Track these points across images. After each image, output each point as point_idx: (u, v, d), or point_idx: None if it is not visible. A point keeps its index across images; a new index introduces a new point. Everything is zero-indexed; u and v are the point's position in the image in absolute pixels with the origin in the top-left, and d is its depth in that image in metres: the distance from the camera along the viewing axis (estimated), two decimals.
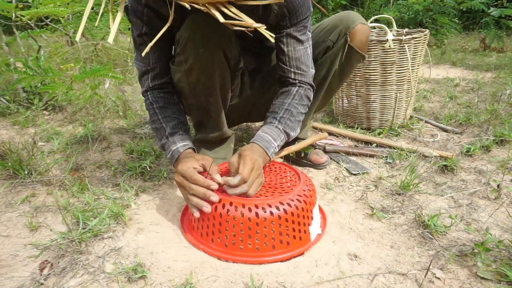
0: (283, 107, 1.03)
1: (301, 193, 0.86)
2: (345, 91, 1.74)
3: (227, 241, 0.81)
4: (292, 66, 1.04)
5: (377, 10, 4.87)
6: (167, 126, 1.00)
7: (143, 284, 0.74)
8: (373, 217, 0.98)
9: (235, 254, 0.81)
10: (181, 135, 1.00)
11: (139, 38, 0.99)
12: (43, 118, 1.79)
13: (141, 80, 1.07)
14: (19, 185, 1.11)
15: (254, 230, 0.79)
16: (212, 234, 0.83)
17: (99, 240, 0.87)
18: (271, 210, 0.80)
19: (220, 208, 0.81)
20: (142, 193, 1.12)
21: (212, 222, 0.83)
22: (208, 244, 0.84)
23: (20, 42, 1.92)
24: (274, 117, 1.02)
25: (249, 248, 0.80)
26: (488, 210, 1.02)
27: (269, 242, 0.80)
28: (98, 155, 1.38)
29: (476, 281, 0.75)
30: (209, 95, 1.06)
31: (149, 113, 1.06)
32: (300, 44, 1.03)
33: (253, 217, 0.78)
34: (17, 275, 0.76)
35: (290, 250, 0.82)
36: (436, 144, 1.52)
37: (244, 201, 0.81)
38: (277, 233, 0.80)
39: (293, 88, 1.06)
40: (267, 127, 1.01)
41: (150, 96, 1.05)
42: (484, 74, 2.92)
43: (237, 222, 0.79)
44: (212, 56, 0.97)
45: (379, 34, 1.83)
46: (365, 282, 0.74)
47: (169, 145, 0.98)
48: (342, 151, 1.42)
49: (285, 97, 1.05)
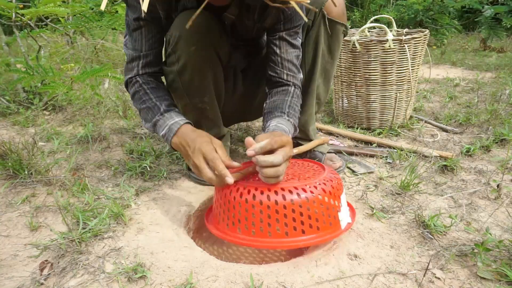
0: (287, 104, 1.03)
1: (327, 179, 0.83)
2: (345, 91, 1.74)
3: (254, 228, 0.77)
4: (285, 67, 1.06)
5: (377, 10, 4.87)
6: (162, 104, 0.97)
7: (143, 284, 0.74)
8: (373, 217, 0.98)
9: (264, 241, 0.77)
10: (178, 112, 0.97)
11: (135, 22, 0.96)
12: (43, 118, 1.79)
13: (129, 66, 1.02)
14: (19, 185, 1.11)
15: (282, 213, 0.76)
16: (239, 223, 0.80)
17: (99, 240, 0.87)
18: (298, 192, 0.77)
19: (245, 194, 0.78)
20: (142, 193, 1.12)
21: (238, 209, 0.79)
22: (236, 234, 0.81)
23: (20, 42, 1.92)
24: (282, 111, 1.01)
25: (278, 233, 0.77)
26: (488, 210, 1.02)
27: (298, 227, 0.77)
28: (98, 155, 1.38)
29: (476, 281, 0.75)
30: (204, 94, 1.06)
31: (136, 95, 1.01)
32: (292, 48, 1.05)
33: (280, 200, 0.75)
34: (17, 275, 0.76)
35: (321, 235, 0.79)
36: (436, 144, 1.52)
37: (269, 185, 0.78)
38: (305, 216, 0.77)
39: (289, 88, 1.07)
40: (278, 120, 0.98)
41: (140, 79, 1.01)
42: (484, 74, 2.92)
43: (264, 207, 0.76)
44: (204, 54, 0.97)
45: (379, 34, 1.83)
46: (365, 282, 0.75)
47: (165, 121, 0.94)
48: (344, 151, 1.42)
49: (285, 95, 1.06)
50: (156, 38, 1.00)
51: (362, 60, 1.59)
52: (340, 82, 1.74)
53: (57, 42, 2.72)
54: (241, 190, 0.79)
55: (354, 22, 4.76)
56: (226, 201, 0.82)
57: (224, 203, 0.83)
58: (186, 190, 1.14)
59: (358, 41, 1.56)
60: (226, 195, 0.82)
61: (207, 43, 0.96)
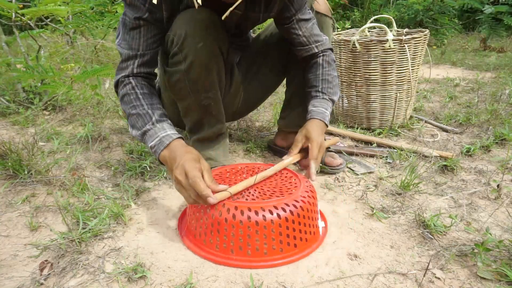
0: (319, 78, 1.16)
1: (305, 192, 0.87)
2: (345, 91, 1.74)
3: (249, 248, 0.79)
4: (312, 42, 1.14)
5: (377, 10, 4.87)
6: (154, 113, 0.94)
7: (143, 284, 0.74)
8: (373, 217, 0.98)
9: (258, 261, 0.79)
10: (170, 125, 0.95)
11: (134, 21, 0.93)
12: (43, 118, 1.79)
13: (123, 64, 0.98)
14: (19, 185, 1.11)
15: (277, 231, 0.79)
16: (222, 240, 0.80)
17: (99, 240, 0.87)
18: (288, 208, 0.80)
19: (225, 213, 0.78)
20: (142, 193, 1.12)
21: (217, 228, 0.80)
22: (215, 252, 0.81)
23: (20, 42, 1.92)
24: (316, 90, 1.15)
25: (273, 251, 0.79)
26: (488, 210, 1.02)
27: (291, 242, 0.81)
28: (98, 155, 1.38)
29: (476, 281, 0.75)
30: (209, 90, 1.06)
31: (126, 98, 0.97)
32: (308, 23, 1.12)
33: (276, 219, 0.78)
34: (17, 275, 0.76)
35: (308, 246, 0.84)
36: (436, 144, 1.52)
37: (250, 204, 0.79)
38: (297, 231, 0.81)
39: (318, 59, 1.17)
40: (316, 101, 1.14)
41: (133, 81, 0.97)
42: (484, 74, 2.92)
43: (261, 227, 0.78)
44: (210, 49, 0.98)
45: (379, 34, 1.83)
46: (365, 282, 0.75)
47: (156, 131, 0.91)
48: (344, 151, 1.42)
49: (316, 69, 1.16)
50: (155, 39, 0.98)
51: (362, 60, 1.59)
52: (340, 82, 1.74)
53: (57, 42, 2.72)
54: (233, 212, 0.78)
55: (354, 22, 4.75)
56: (215, 222, 0.80)
57: (212, 223, 0.81)
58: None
59: (358, 41, 1.56)
60: (215, 216, 0.80)
61: (212, 38, 0.97)
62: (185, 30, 0.93)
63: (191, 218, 0.88)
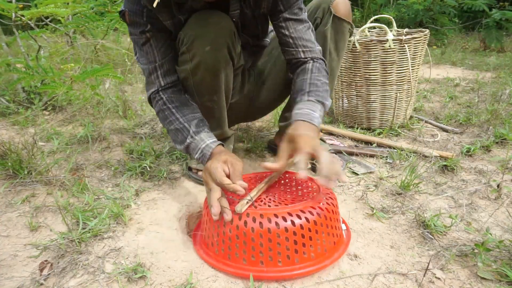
0: (307, 83, 1.02)
1: (328, 196, 0.84)
2: (345, 91, 1.74)
3: (280, 257, 0.74)
4: (299, 45, 1.05)
5: (377, 10, 4.87)
6: (191, 126, 0.97)
7: (143, 284, 0.74)
8: (373, 217, 0.98)
9: (293, 269, 0.74)
10: (207, 133, 0.97)
11: (142, 35, 0.97)
12: (43, 118, 1.79)
13: (149, 79, 1.02)
14: (19, 185, 1.11)
15: (307, 236, 0.75)
16: (261, 255, 0.74)
17: (99, 240, 0.87)
18: (315, 211, 0.77)
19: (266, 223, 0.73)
20: (142, 193, 1.12)
21: (243, 239, 0.74)
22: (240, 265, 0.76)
23: (20, 42, 1.92)
24: (302, 94, 1.01)
25: (304, 258, 0.75)
26: (488, 210, 1.02)
27: (321, 246, 0.77)
28: (98, 155, 1.38)
29: (476, 281, 0.75)
30: (213, 93, 1.06)
31: (161, 114, 1.01)
32: (300, 24, 1.05)
33: (305, 223, 0.74)
34: (17, 275, 0.76)
35: (336, 250, 0.81)
36: (436, 144, 1.52)
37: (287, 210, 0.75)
38: (325, 234, 0.78)
39: (307, 65, 1.06)
40: (300, 104, 0.98)
41: (164, 96, 1.01)
42: (484, 74, 2.92)
43: (290, 233, 0.73)
44: (218, 54, 0.97)
45: (379, 34, 1.83)
46: (365, 282, 0.74)
47: (197, 144, 0.94)
48: (344, 151, 1.42)
49: (304, 74, 1.05)
50: (166, 45, 1.01)
51: (362, 60, 1.59)
52: (340, 82, 1.74)
53: (57, 42, 2.72)
54: (258, 220, 0.73)
55: (354, 22, 4.75)
56: (240, 233, 0.74)
57: (237, 235, 0.75)
58: (186, 190, 1.14)
59: (358, 41, 1.56)
60: (240, 226, 0.74)
61: (221, 43, 0.96)
62: (195, 31, 0.93)
63: (209, 231, 0.82)
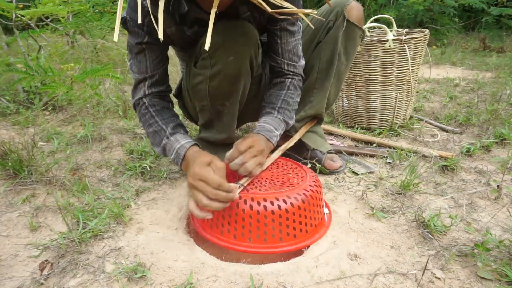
0: (280, 98, 1.09)
1: (312, 182, 0.92)
2: (345, 91, 1.74)
3: (266, 236, 0.83)
4: (286, 57, 1.09)
5: (377, 10, 4.87)
6: (167, 127, 0.99)
7: (143, 284, 0.74)
8: (373, 217, 0.98)
9: (277, 246, 0.83)
10: (183, 134, 0.98)
11: (137, 46, 0.98)
12: (43, 118, 1.79)
13: (136, 88, 1.04)
14: (19, 185, 1.11)
15: (291, 218, 0.84)
16: (250, 233, 0.83)
17: (99, 240, 0.87)
18: (301, 197, 0.85)
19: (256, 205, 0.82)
20: (142, 193, 1.12)
21: (249, 220, 0.83)
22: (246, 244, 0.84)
23: (20, 42, 1.92)
24: (272, 107, 1.08)
25: (287, 237, 0.83)
26: (488, 210, 1.02)
27: (303, 228, 0.86)
28: (98, 155, 1.38)
29: (476, 281, 0.75)
30: (226, 100, 1.06)
31: (143, 118, 1.03)
32: (292, 36, 1.07)
33: (290, 208, 0.83)
34: (17, 275, 0.76)
35: (318, 231, 0.89)
36: (436, 144, 1.52)
37: (266, 195, 0.83)
38: (308, 218, 0.86)
39: (286, 80, 1.11)
40: (267, 117, 1.06)
41: (146, 100, 1.02)
42: (484, 74, 2.92)
43: (276, 215, 0.82)
44: (240, 65, 0.97)
45: (379, 34, 1.83)
46: (365, 282, 0.75)
47: (172, 145, 0.96)
48: (344, 151, 1.42)
49: (280, 89, 1.11)
50: (160, 57, 1.01)
51: (362, 60, 1.59)
52: None
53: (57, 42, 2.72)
54: (249, 202, 0.82)
55: None
56: (233, 213, 0.83)
57: (229, 214, 0.84)
58: (186, 190, 1.14)
59: None
60: (233, 207, 0.83)
61: (245, 56, 0.96)
62: (222, 39, 0.92)
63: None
